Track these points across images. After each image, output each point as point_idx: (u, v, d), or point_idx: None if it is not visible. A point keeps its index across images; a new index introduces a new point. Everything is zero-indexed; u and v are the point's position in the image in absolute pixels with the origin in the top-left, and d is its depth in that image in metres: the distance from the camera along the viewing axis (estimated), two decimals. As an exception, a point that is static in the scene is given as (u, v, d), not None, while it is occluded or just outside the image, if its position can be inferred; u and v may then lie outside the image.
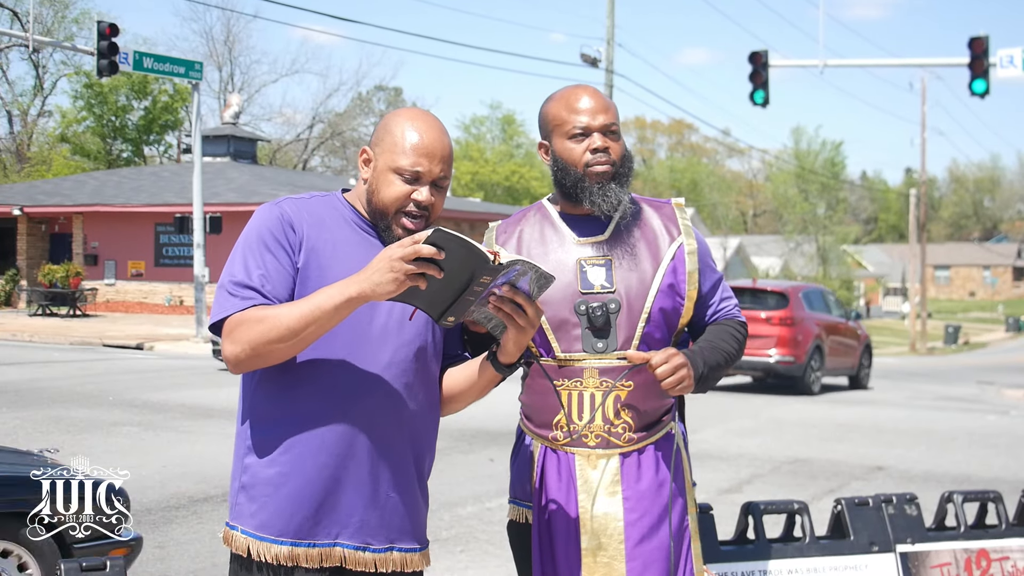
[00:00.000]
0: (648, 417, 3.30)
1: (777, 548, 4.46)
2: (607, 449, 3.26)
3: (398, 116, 2.96)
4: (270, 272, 2.82)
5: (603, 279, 3.28)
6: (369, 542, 2.89)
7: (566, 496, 3.29)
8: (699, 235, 3.46)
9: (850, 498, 4.70)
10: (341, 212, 2.99)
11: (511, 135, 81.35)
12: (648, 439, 3.30)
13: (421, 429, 3.00)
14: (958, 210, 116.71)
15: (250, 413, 2.92)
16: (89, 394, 15.23)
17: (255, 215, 2.93)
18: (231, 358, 2.78)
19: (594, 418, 3.26)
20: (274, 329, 2.71)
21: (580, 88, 3.37)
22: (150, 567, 6.75)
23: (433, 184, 2.91)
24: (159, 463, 10.15)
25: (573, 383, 3.27)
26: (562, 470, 3.30)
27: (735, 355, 3.39)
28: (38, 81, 58.93)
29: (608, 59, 33.03)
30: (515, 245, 3.40)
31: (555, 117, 3.33)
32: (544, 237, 3.38)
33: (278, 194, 34.28)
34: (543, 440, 3.34)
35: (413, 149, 2.87)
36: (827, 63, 26.16)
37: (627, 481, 3.26)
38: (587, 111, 3.28)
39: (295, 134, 66.68)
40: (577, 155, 3.28)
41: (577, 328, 3.26)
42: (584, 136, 3.28)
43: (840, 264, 55.46)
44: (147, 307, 36.76)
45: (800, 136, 56.61)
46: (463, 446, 11.63)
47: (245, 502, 2.88)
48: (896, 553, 4.61)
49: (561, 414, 3.29)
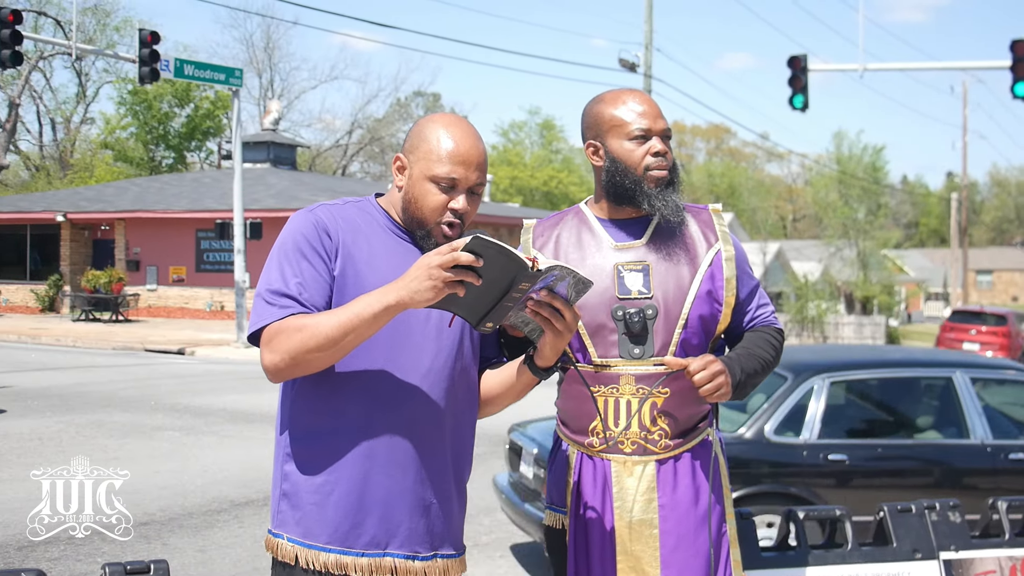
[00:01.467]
0: (684, 424, 3.29)
1: (819, 555, 4.44)
2: (643, 456, 3.26)
3: (432, 123, 2.95)
4: (307, 280, 2.82)
5: (640, 284, 3.27)
6: (417, 550, 2.89)
7: (602, 503, 3.28)
8: (736, 241, 3.44)
9: (893, 504, 4.67)
10: (376, 218, 2.99)
11: (550, 140, 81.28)
12: (684, 446, 3.29)
13: (461, 434, 3.00)
14: (1000, 214, 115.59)
15: (290, 421, 2.93)
16: (131, 399, 15.34)
17: (290, 222, 2.93)
18: (270, 367, 2.78)
19: (630, 425, 3.25)
20: (313, 338, 2.70)
21: (635, 91, 3.37)
22: (192, 571, 6.80)
23: (469, 191, 2.90)
24: (200, 467, 10.21)
25: (609, 389, 3.26)
26: (598, 477, 3.30)
27: (772, 362, 3.36)
28: (81, 89, 59.50)
29: (647, 64, 32.97)
30: (552, 248, 3.39)
31: (612, 118, 3.31)
32: (581, 241, 3.38)
33: (317, 200, 34.43)
34: (579, 446, 3.34)
35: (449, 157, 2.86)
36: (867, 67, 25.98)
37: (663, 488, 3.25)
38: (648, 115, 3.29)
39: (334, 140, 67.02)
40: (637, 157, 3.27)
41: (614, 334, 3.26)
42: (645, 139, 3.28)
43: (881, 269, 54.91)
44: (188, 312, 36.97)
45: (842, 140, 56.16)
46: (501, 451, 11.61)
47: (288, 510, 2.89)
48: (940, 560, 4.57)
49: (597, 420, 3.28)
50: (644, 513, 3.25)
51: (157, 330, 31.47)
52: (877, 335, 46.92)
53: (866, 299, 53.98)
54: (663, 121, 3.30)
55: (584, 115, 3.42)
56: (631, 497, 3.25)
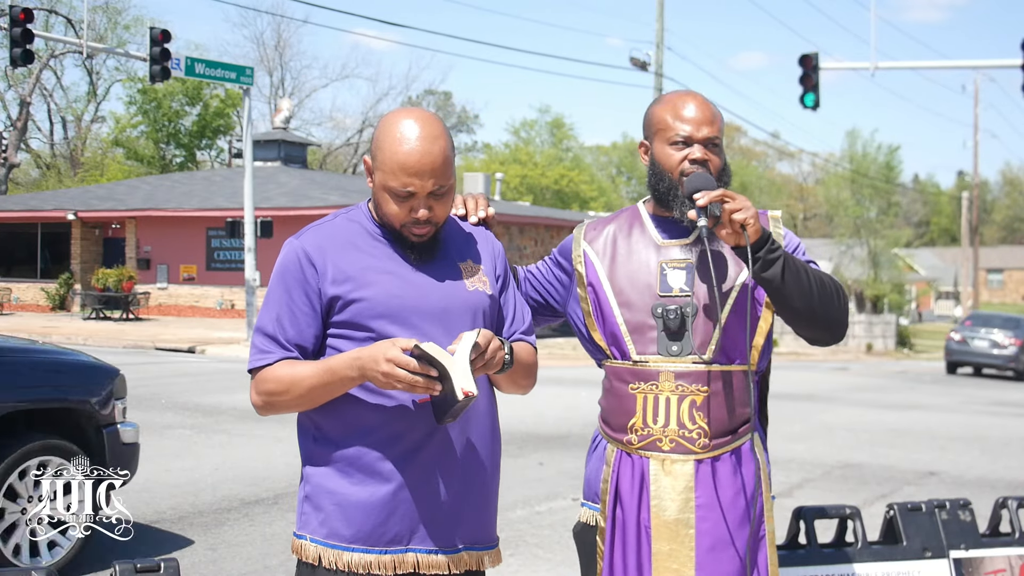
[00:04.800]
0: (724, 424, 3.26)
1: (828, 554, 4.43)
2: (682, 455, 3.24)
3: (389, 126, 2.90)
4: (290, 317, 2.92)
5: (683, 283, 3.27)
6: (441, 545, 2.90)
7: (639, 501, 3.27)
8: (794, 241, 3.42)
9: (903, 503, 4.66)
10: (365, 227, 3.00)
11: (560, 139, 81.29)
12: (724, 447, 3.26)
13: (482, 427, 3.01)
14: (1011, 213, 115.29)
15: (310, 423, 2.96)
16: (142, 397, 15.37)
17: (280, 254, 2.99)
18: (254, 406, 2.98)
19: (668, 422, 3.24)
20: (287, 393, 2.87)
21: (689, 95, 3.35)
22: (203, 569, 6.81)
23: (431, 195, 2.89)
24: (211, 466, 10.24)
25: (649, 386, 3.26)
26: (635, 474, 3.28)
27: (825, 286, 3.23)
28: (92, 87, 59.66)
29: (658, 63, 32.98)
30: (601, 242, 3.41)
31: (659, 121, 3.31)
32: (631, 236, 3.39)
33: (328, 198, 34.53)
34: (618, 444, 3.33)
35: (402, 169, 2.84)
36: (878, 65, 25.97)
37: (701, 488, 3.23)
38: (692, 120, 3.26)
39: (345, 138, 67.17)
40: (674, 162, 3.27)
41: (653, 331, 3.26)
42: (685, 145, 3.26)
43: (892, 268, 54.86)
44: (199, 311, 37.05)
45: (855, 139, 56.06)
46: (513, 450, 11.63)
47: (311, 511, 2.91)
48: (949, 559, 4.56)
49: (636, 417, 3.28)
50: (681, 512, 3.23)
51: (168, 328, 31.54)
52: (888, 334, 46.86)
53: (877, 298, 53.91)
54: (709, 128, 3.27)
55: (644, 114, 3.43)
56: (668, 496, 3.24)
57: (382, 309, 2.86)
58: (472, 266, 3.05)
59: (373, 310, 2.86)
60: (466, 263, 3.04)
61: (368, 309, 2.86)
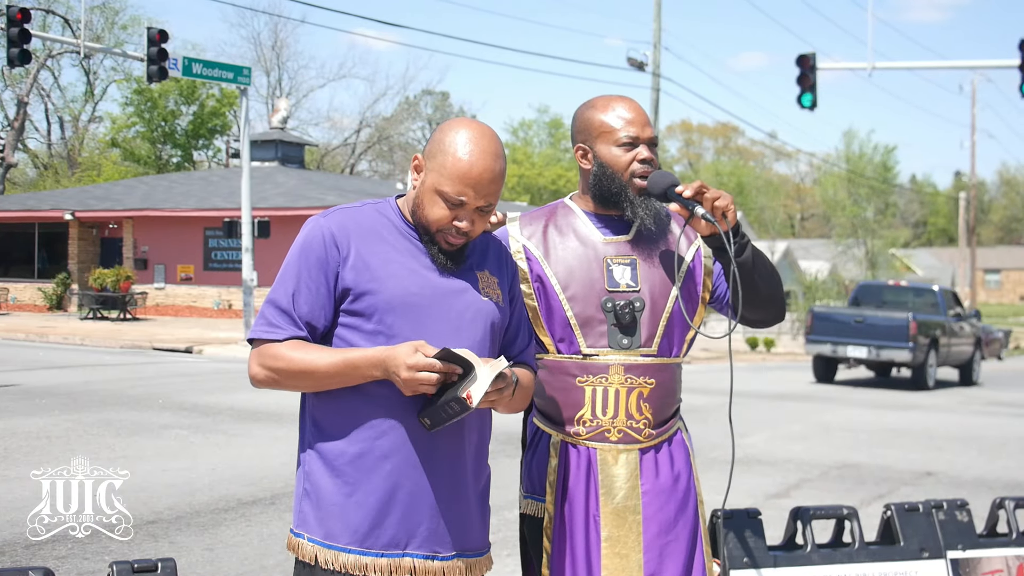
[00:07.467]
0: (664, 414, 3.44)
1: (826, 554, 4.44)
2: (628, 444, 3.38)
3: (454, 133, 2.90)
4: (306, 295, 2.88)
5: (628, 278, 3.41)
6: (437, 550, 2.91)
7: (586, 490, 3.38)
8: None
9: (900, 504, 4.66)
10: (393, 221, 2.99)
11: (558, 139, 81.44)
12: (663, 435, 3.44)
13: (481, 433, 3.04)
14: (1008, 213, 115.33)
15: (310, 422, 2.95)
16: (139, 397, 15.37)
17: (303, 229, 2.97)
18: (253, 377, 2.92)
19: (617, 413, 3.37)
20: (298, 377, 2.84)
21: (624, 98, 3.50)
22: (200, 569, 6.80)
23: (478, 209, 2.90)
24: (208, 466, 10.23)
25: (598, 379, 3.38)
26: (582, 464, 3.40)
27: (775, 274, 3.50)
28: (89, 87, 59.65)
29: (655, 63, 32.99)
30: (540, 239, 3.50)
31: (602, 124, 3.43)
32: (568, 232, 3.50)
33: (325, 198, 34.52)
34: (563, 435, 3.43)
35: (461, 178, 2.85)
36: (875, 66, 26.00)
37: (646, 475, 3.39)
38: (636, 122, 3.41)
39: (343, 138, 67.20)
40: (623, 163, 3.40)
41: (603, 324, 3.38)
42: (632, 146, 3.40)
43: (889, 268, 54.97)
44: (196, 311, 37.06)
45: (852, 139, 56.14)
46: (509, 449, 11.58)
47: (309, 510, 2.91)
48: (947, 559, 4.57)
49: (584, 409, 3.39)
50: (628, 499, 3.36)
51: (165, 328, 31.54)
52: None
53: (874, 298, 53.82)
54: (650, 129, 3.44)
55: (575, 119, 3.57)
56: (616, 484, 3.37)
57: (397, 304, 2.86)
58: (489, 277, 3.07)
59: (388, 304, 2.86)
60: (483, 273, 3.06)
61: (383, 303, 2.86)
